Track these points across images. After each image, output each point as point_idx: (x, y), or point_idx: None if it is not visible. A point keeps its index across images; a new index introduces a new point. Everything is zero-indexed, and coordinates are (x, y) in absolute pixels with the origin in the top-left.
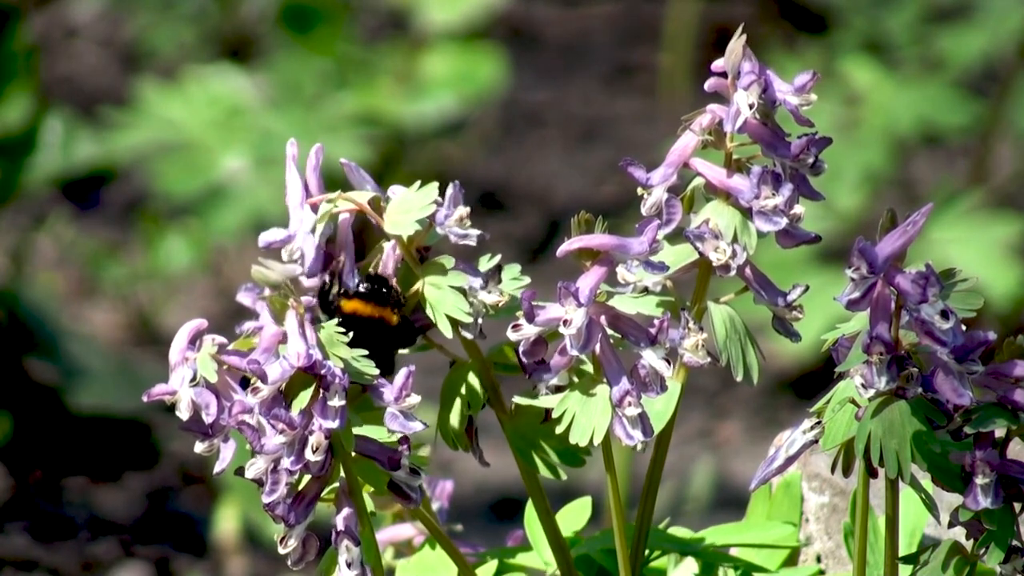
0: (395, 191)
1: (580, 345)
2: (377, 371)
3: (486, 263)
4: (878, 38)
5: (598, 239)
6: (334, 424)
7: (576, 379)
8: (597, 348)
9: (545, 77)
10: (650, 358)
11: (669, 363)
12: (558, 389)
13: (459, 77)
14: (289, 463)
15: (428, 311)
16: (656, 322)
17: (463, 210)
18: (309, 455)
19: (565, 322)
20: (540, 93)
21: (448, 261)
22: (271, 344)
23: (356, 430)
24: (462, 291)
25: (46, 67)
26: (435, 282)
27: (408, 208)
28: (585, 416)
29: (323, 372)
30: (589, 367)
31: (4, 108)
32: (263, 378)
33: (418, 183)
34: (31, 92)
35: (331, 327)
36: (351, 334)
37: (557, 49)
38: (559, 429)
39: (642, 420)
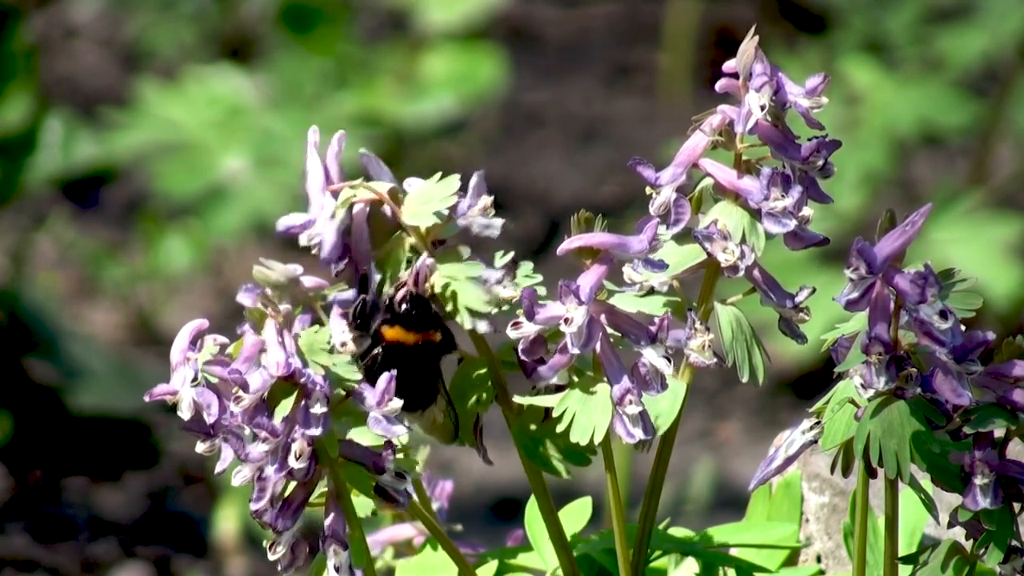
0: (413, 183)
1: (581, 343)
2: (358, 377)
3: (500, 258)
4: (878, 38)
5: (598, 237)
6: (317, 432)
7: (576, 378)
8: (597, 347)
9: (545, 77)
10: (650, 356)
11: (669, 361)
12: (558, 388)
13: (459, 77)
14: (273, 471)
15: (446, 303)
16: (656, 320)
17: (487, 199)
18: (292, 462)
19: (566, 320)
20: (540, 93)
21: (464, 251)
22: (252, 353)
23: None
24: (479, 281)
25: (46, 67)
26: (452, 273)
27: (428, 199)
28: (585, 415)
29: (303, 380)
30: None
31: (4, 108)
32: (244, 387)
33: (439, 174)
34: (31, 92)
35: (309, 334)
36: (392, 361)
37: (557, 49)
38: (560, 428)
39: (643, 418)
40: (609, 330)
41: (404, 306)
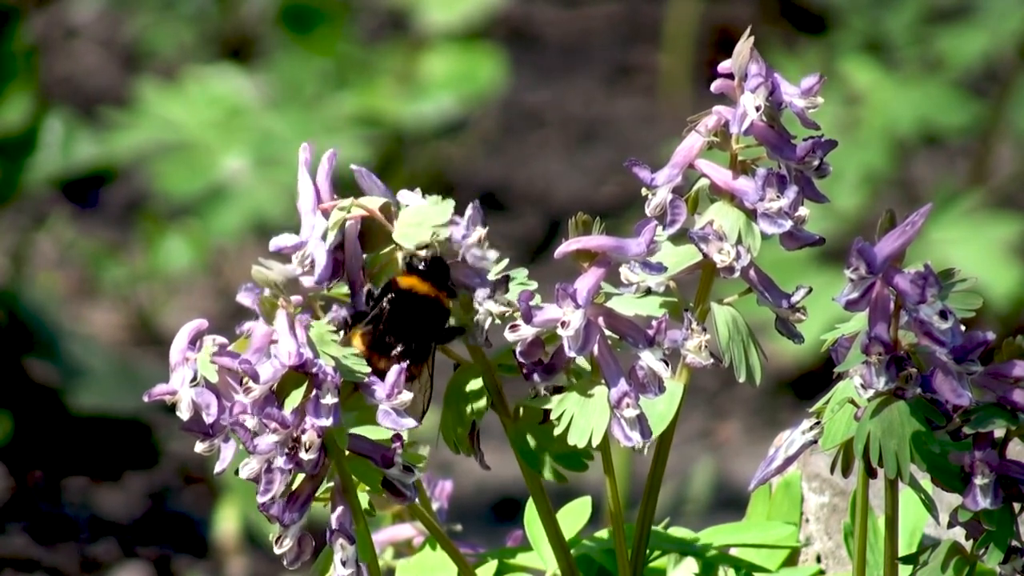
0: (405, 197)
1: (578, 347)
2: (367, 370)
3: (494, 270)
4: (878, 38)
5: (596, 240)
6: (327, 422)
7: (574, 380)
8: (595, 349)
9: (545, 77)
10: (648, 359)
11: (667, 364)
12: (557, 389)
13: (459, 77)
14: (282, 462)
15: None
16: (654, 323)
17: (481, 231)
18: (302, 454)
19: (563, 323)
20: (540, 93)
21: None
22: (262, 344)
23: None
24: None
25: (46, 67)
26: None
27: (421, 221)
28: (583, 417)
29: (314, 370)
30: (586, 367)
31: (4, 108)
32: (255, 378)
33: (439, 197)
34: (31, 92)
35: (320, 325)
36: (401, 309)
37: (557, 49)
38: (558, 430)
39: (640, 421)
40: (607, 332)
41: (424, 262)
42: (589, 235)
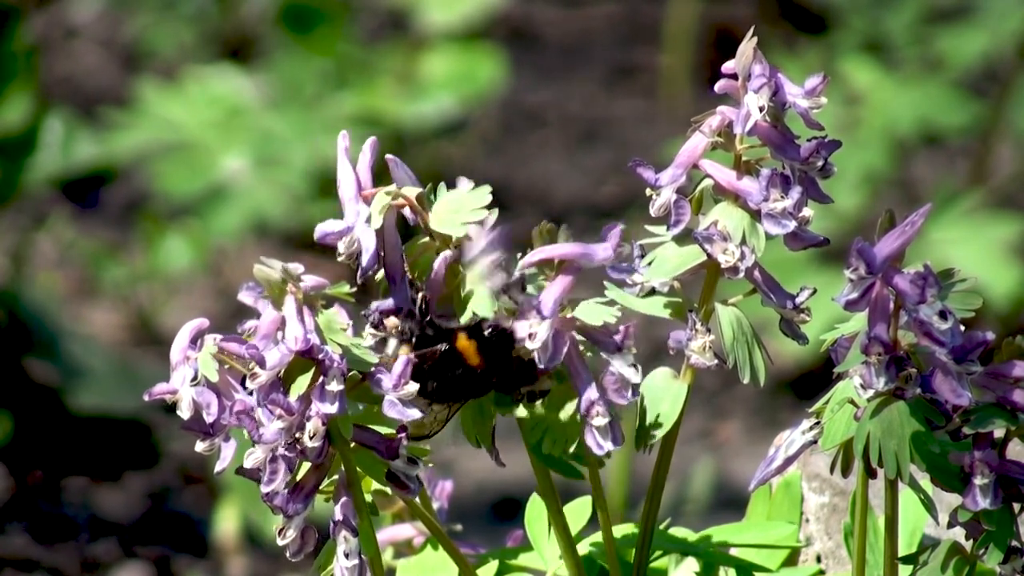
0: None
1: (547, 359)
2: (375, 359)
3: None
4: (878, 38)
5: (560, 249)
6: (332, 409)
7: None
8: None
9: (545, 77)
10: (618, 365)
11: (637, 368)
12: (543, 393)
13: (459, 77)
14: (286, 449)
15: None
16: (621, 329)
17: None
18: (307, 441)
19: (530, 336)
20: (540, 93)
21: None
22: (270, 330)
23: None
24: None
25: (46, 67)
26: (472, 279)
27: (458, 208)
28: (559, 426)
29: (321, 357)
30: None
31: (4, 108)
32: (262, 363)
33: (472, 184)
34: (31, 92)
35: (328, 314)
36: (444, 366)
37: (557, 49)
38: (532, 440)
39: (612, 429)
40: (585, 340)
41: (489, 331)
42: (554, 244)
